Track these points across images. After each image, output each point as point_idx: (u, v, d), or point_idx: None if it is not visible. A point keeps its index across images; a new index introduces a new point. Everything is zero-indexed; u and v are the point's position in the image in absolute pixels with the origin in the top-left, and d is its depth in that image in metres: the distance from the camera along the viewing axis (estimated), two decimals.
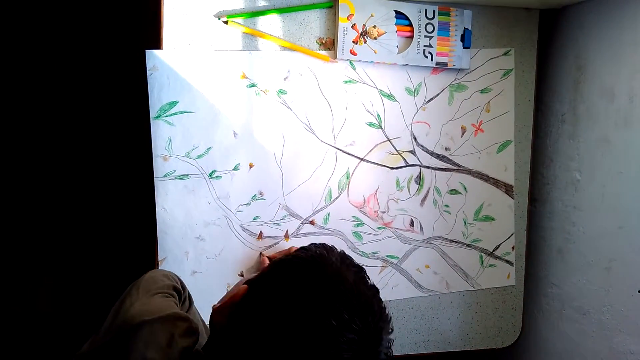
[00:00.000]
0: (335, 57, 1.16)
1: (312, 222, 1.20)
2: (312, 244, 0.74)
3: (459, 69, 1.24)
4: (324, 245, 0.74)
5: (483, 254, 1.31)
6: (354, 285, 0.67)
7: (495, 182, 1.30)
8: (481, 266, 1.32)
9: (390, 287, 1.26)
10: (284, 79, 1.15)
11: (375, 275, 1.25)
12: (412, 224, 1.26)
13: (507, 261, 1.33)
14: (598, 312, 1.20)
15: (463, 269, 1.31)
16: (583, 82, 1.23)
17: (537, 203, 1.37)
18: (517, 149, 1.31)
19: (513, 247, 1.33)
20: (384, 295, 1.23)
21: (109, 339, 0.74)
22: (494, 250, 1.32)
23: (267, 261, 1.12)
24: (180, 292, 0.87)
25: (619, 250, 1.15)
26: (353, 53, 1.16)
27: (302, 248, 0.73)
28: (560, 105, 1.30)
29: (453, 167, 1.27)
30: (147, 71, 1.07)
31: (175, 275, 0.91)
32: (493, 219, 1.31)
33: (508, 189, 1.31)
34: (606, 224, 1.18)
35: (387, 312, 0.69)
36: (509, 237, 1.33)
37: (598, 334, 1.20)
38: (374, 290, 0.70)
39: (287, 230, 1.19)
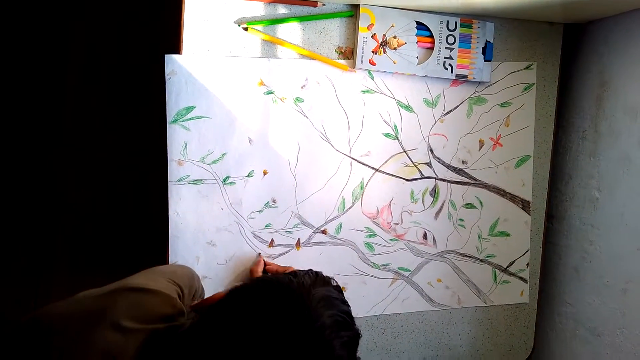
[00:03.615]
0: (354, 67, 1.15)
1: (324, 232, 1.19)
2: (305, 272, 0.76)
3: (479, 82, 1.22)
4: (310, 272, 0.76)
5: (497, 270, 1.30)
6: (328, 337, 0.67)
7: (512, 198, 1.28)
8: (494, 282, 1.30)
9: (400, 300, 1.25)
10: (302, 87, 1.14)
11: (385, 287, 1.24)
12: (425, 237, 1.25)
13: (521, 278, 1.31)
14: (612, 335, 1.17)
15: (476, 284, 1.29)
16: (606, 98, 1.21)
17: (554, 220, 1.34)
18: (536, 165, 1.29)
19: (528, 264, 1.31)
20: (394, 308, 1.24)
21: (106, 291, 0.79)
22: (508, 267, 1.30)
23: (258, 272, 1.12)
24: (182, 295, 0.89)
25: (636, 272, 1.12)
26: (372, 63, 1.15)
27: (291, 273, 0.75)
28: (581, 122, 1.28)
29: (469, 181, 1.25)
30: (166, 75, 1.08)
31: (195, 278, 0.94)
32: (508, 235, 1.29)
33: (525, 205, 1.29)
34: (624, 244, 1.15)
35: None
36: (523, 254, 1.31)
37: (612, 356, 1.17)
38: (352, 344, 0.71)
39: (298, 239, 1.18)
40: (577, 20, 1.26)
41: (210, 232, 1.13)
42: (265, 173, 1.15)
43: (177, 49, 1.08)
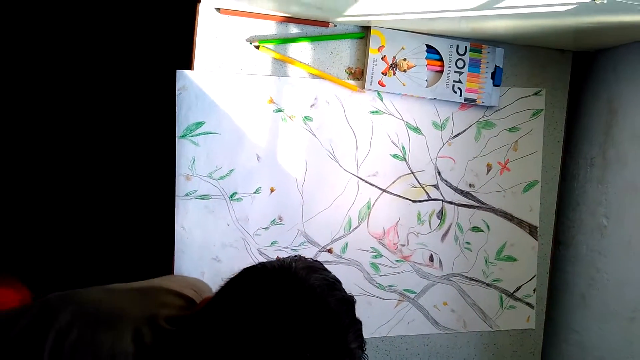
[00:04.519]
0: (364, 87, 1.16)
1: (329, 251, 1.19)
2: (289, 256, 0.78)
3: (488, 106, 1.23)
4: (295, 256, 0.77)
5: (503, 295, 1.29)
6: (320, 295, 0.69)
7: (520, 222, 1.28)
8: (500, 307, 1.29)
9: (406, 322, 1.24)
10: (311, 106, 1.15)
11: (390, 309, 1.23)
12: (431, 259, 1.24)
13: (528, 303, 1.30)
14: None
15: (482, 308, 1.28)
16: (615, 126, 1.21)
17: (562, 246, 1.34)
18: (544, 190, 1.29)
19: (534, 290, 1.30)
20: (398, 330, 1.23)
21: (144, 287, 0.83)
22: (514, 292, 1.29)
23: None
24: None
25: None
26: (381, 84, 1.16)
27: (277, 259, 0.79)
28: (589, 148, 1.28)
29: (477, 204, 1.25)
30: (177, 91, 1.09)
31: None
32: (515, 260, 1.28)
33: (532, 230, 1.29)
34: (632, 272, 1.14)
35: (359, 325, 0.72)
36: (530, 279, 1.30)
37: None
38: (347, 303, 0.72)
39: None
40: (587, 49, 1.26)
41: (216, 248, 1.13)
42: (272, 190, 1.15)
43: (188, 65, 1.10)
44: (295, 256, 0.77)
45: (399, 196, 1.21)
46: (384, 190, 1.20)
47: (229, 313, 0.70)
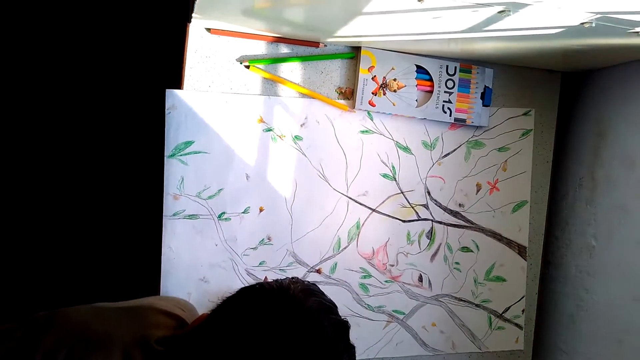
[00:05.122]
0: (354, 107, 1.16)
1: (318, 271, 1.18)
2: (286, 278, 0.78)
3: (478, 126, 1.23)
4: (292, 278, 0.78)
5: (492, 315, 1.28)
6: (317, 318, 0.70)
7: (509, 243, 1.28)
8: (489, 328, 1.28)
9: (394, 344, 1.23)
10: (301, 126, 1.15)
11: (379, 330, 1.22)
12: (420, 279, 1.24)
13: (517, 324, 1.30)
14: None
15: (470, 329, 1.27)
16: (603, 147, 1.22)
17: (550, 266, 1.34)
18: (533, 210, 1.29)
19: (523, 310, 1.30)
20: (387, 352, 1.22)
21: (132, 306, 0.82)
22: (503, 312, 1.29)
23: None
24: None
25: (632, 323, 1.11)
26: (372, 104, 1.16)
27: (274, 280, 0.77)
28: (578, 169, 1.28)
29: (466, 224, 1.25)
30: (166, 110, 1.08)
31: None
32: (504, 280, 1.28)
33: (521, 250, 1.29)
34: (620, 294, 1.14)
35: (353, 350, 0.72)
36: (519, 300, 1.29)
37: None
38: (342, 327, 0.73)
39: None
40: (576, 69, 1.27)
41: (204, 268, 1.12)
42: (261, 210, 1.14)
43: (178, 84, 1.09)
44: (293, 278, 0.77)
45: (389, 216, 1.21)
46: (373, 210, 1.20)
47: (226, 332, 0.69)
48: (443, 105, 1.19)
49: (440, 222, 1.24)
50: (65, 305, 0.80)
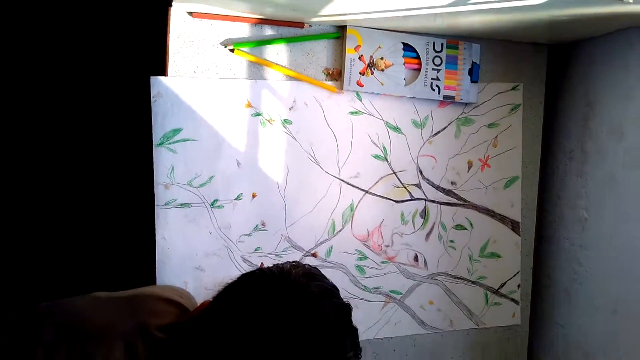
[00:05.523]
0: (342, 88, 1.15)
1: (314, 255, 1.17)
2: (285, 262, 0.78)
3: (467, 103, 1.23)
4: (293, 262, 0.77)
5: (488, 292, 1.28)
6: (319, 302, 0.69)
7: (502, 219, 1.28)
8: (486, 304, 1.29)
9: (392, 323, 1.23)
10: (290, 109, 1.13)
11: (377, 310, 1.22)
12: (416, 258, 1.23)
13: (513, 300, 1.30)
14: (604, 357, 1.16)
15: (467, 306, 1.27)
16: (592, 119, 1.22)
17: (544, 241, 1.34)
18: (524, 185, 1.29)
19: (519, 285, 1.30)
20: (385, 332, 1.22)
21: (132, 295, 0.81)
22: (499, 288, 1.29)
23: None
24: None
25: (626, 293, 1.12)
26: (360, 84, 1.15)
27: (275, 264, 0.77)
28: (568, 142, 1.28)
29: (459, 202, 1.25)
30: (152, 98, 1.06)
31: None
32: (499, 256, 1.28)
33: (514, 226, 1.29)
34: (613, 265, 1.15)
35: (355, 333, 0.73)
36: (514, 275, 1.30)
37: None
38: (344, 310, 0.72)
39: None
40: (562, 41, 1.27)
41: (199, 257, 1.11)
42: (254, 196, 1.13)
43: (162, 71, 1.07)
44: (293, 262, 0.76)
45: (382, 197, 1.20)
46: (366, 192, 1.19)
47: (229, 318, 0.69)
48: (431, 82, 1.19)
49: (433, 201, 1.23)
50: (62, 298, 0.79)
